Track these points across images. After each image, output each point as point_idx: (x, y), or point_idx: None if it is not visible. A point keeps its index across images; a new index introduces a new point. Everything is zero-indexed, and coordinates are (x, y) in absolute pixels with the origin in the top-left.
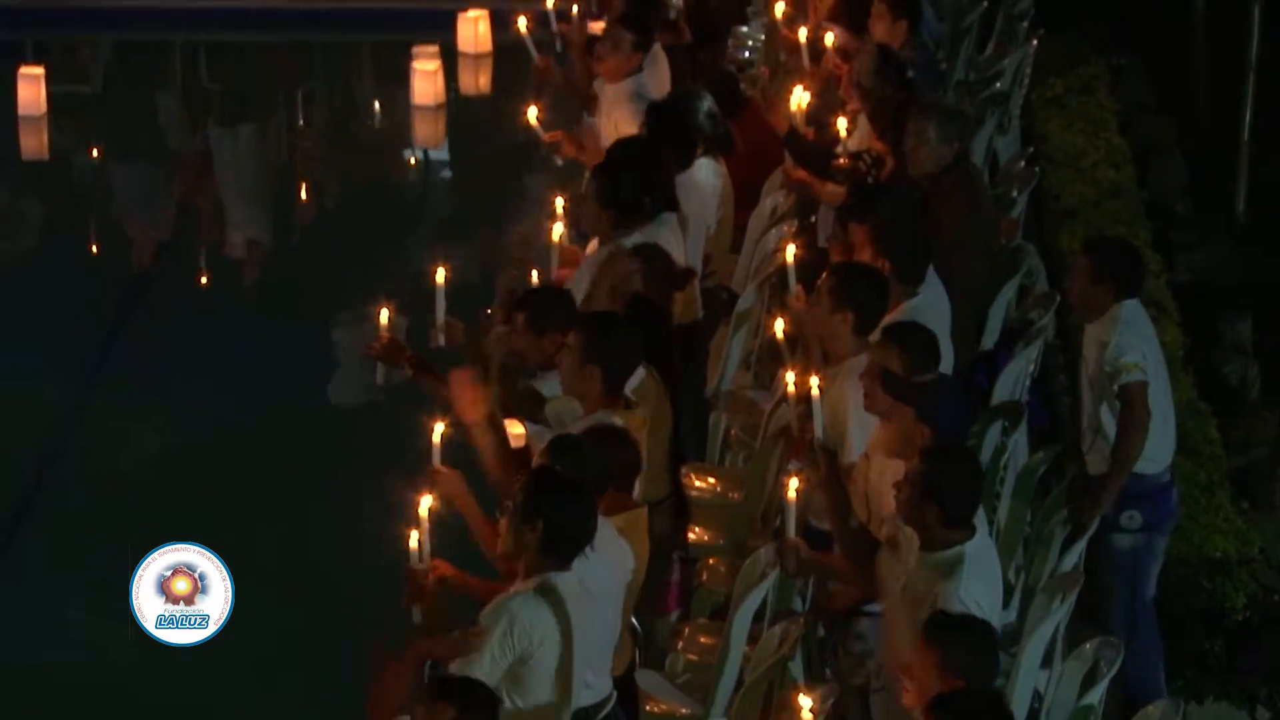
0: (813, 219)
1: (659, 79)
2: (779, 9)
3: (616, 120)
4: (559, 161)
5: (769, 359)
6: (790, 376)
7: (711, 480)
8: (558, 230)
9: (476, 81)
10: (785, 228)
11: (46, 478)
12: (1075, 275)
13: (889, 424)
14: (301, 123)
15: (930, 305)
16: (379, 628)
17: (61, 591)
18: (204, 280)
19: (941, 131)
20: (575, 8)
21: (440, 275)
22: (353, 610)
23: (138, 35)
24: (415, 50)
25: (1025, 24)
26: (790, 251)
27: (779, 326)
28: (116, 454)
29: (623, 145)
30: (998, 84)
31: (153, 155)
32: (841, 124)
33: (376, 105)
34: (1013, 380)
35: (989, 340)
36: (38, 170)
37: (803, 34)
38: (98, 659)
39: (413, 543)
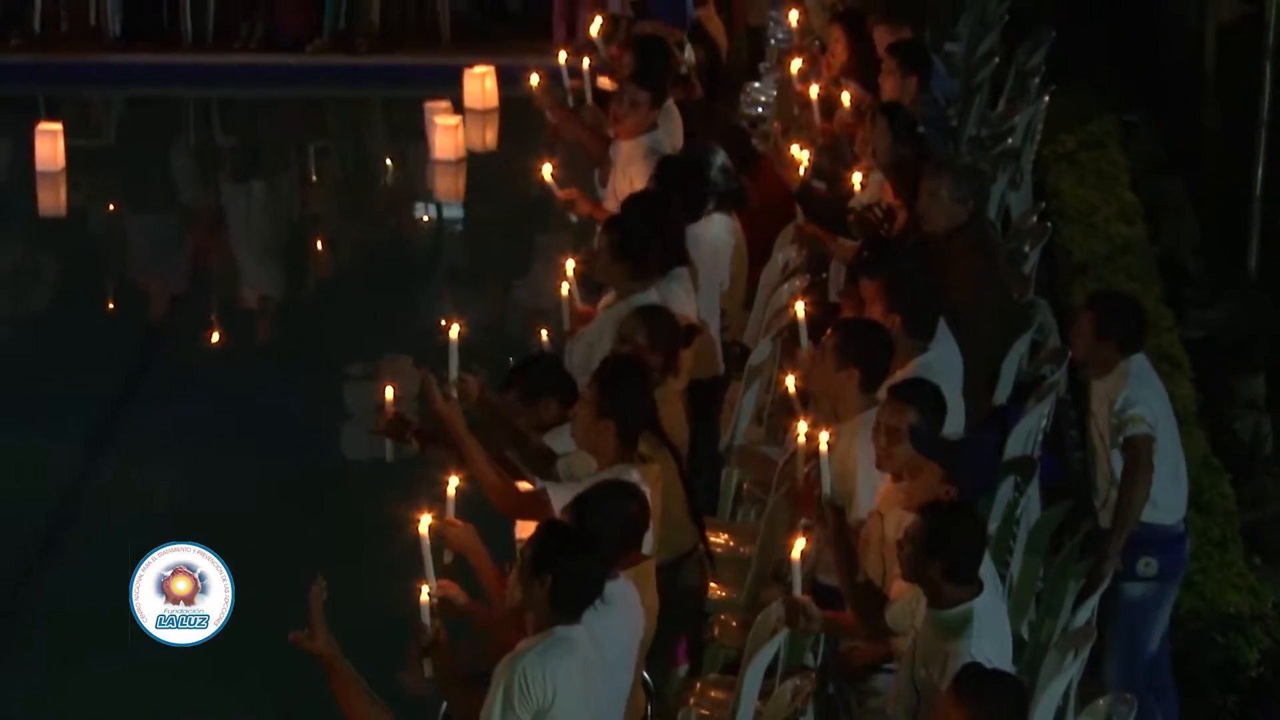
0: (824, 274)
1: (672, 134)
2: (794, 65)
3: (632, 176)
4: (573, 218)
5: (781, 414)
6: (801, 428)
7: (724, 535)
8: (565, 289)
9: (484, 137)
10: (797, 283)
11: (58, 535)
12: (1079, 332)
13: (902, 481)
14: (314, 178)
15: (941, 361)
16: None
17: (71, 656)
18: (217, 337)
19: (955, 190)
20: (586, 63)
21: (454, 332)
22: (371, 666)
23: (150, 91)
24: (430, 105)
25: (1037, 80)
26: (801, 307)
27: (790, 382)
28: (128, 510)
29: (634, 199)
30: (1010, 140)
31: (166, 211)
32: (856, 179)
33: (388, 160)
34: (1025, 435)
35: (1001, 396)
36: (53, 225)
37: (814, 91)
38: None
39: (423, 597)
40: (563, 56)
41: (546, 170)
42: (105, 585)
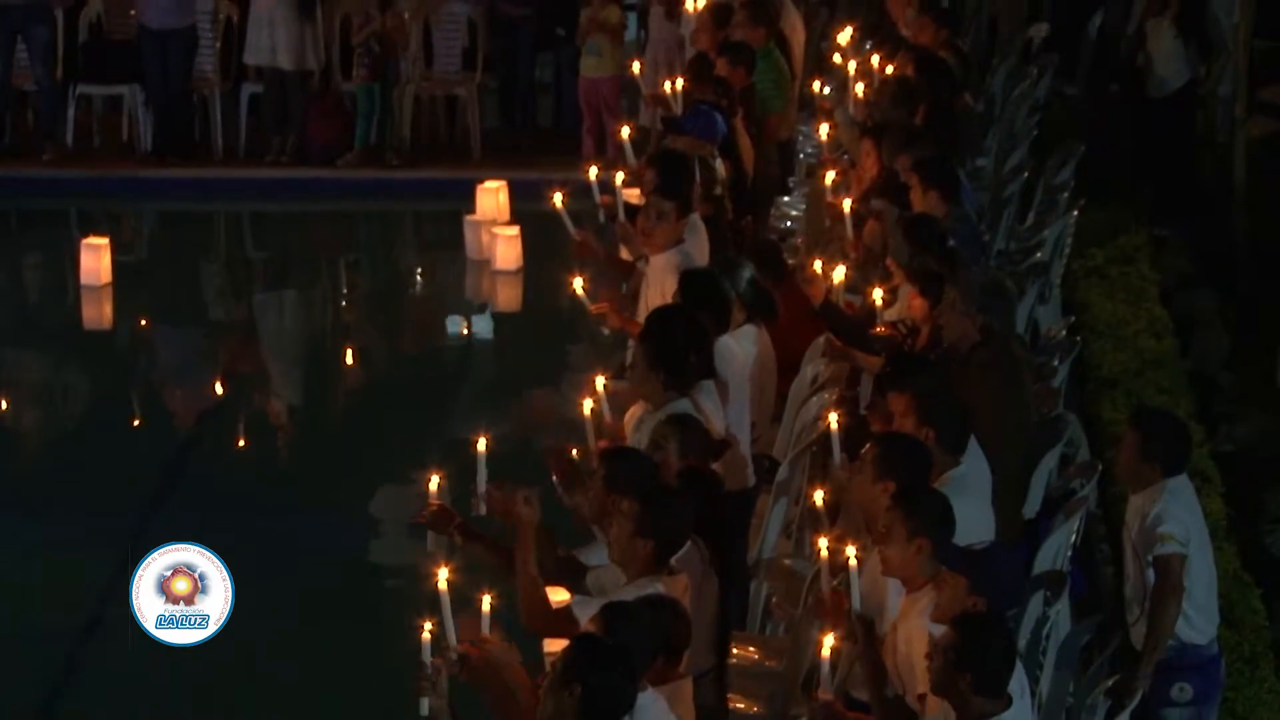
0: (856, 388)
1: (699, 248)
2: (828, 177)
3: (665, 290)
4: (605, 331)
5: (810, 527)
6: (823, 543)
7: (751, 649)
8: (588, 405)
9: (497, 251)
10: (826, 396)
11: (86, 650)
12: (1123, 450)
13: (917, 592)
14: (345, 290)
15: (974, 475)
16: None
17: None
18: (250, 450)
19: (964, 304)
20: (620, 178)
21: (482, 444)
22: None
23: (183, 205)
24: (477, 219)
25: (1066, 194)
26: (834, 419)
27: (819, 495)
28: None
29: (667, 310)
30: (1039, 254)
31: (196, 324)
32: (877, 295)
33: (420, 272)
34: (1054, 550)
35: (1030, 510)
36: (98, 339)
37: (847, 204)
38: None
39: (425, 634)
40: (592, 171)
41: (578, 284)
42: (134, 703)
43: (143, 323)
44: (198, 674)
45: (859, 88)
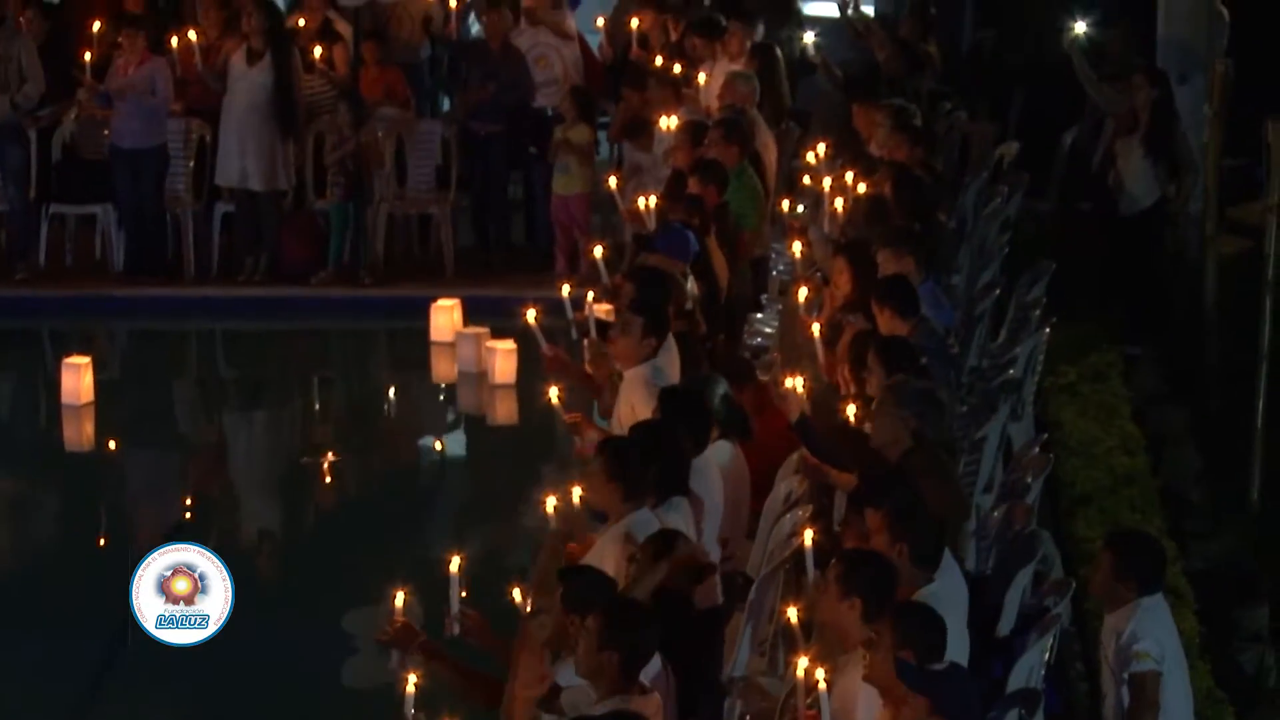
0: (827, 503)
1: (671, 365)
2: (801, 293)
3: (634, 404)
4: (579, 443)
5: (784, 645)
6: (802, 662)
7: None
8: (550, 504)
9: (450, 370)
10: (800, 513)
11: None
12: (1097, 569)
13: (897, 710)
14: (318, 408)
15: (947, 591)
16: None
17: None
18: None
19: (896, 408)
20: (590, 296)
21: (454, 564)
22: None
23: (156, 324)
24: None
25: (1038, 312)
26: (808, 536)
27: (793, 613)
28: None
29: (636, 425)
30: (1011, 370)
31: (172, 444)
32: (850, 411)
33: (393, 391)
34: (1029, 668)
35: (1004, 627)
36: (70, 459)
37: (816, 328)
38: None
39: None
40: (564, 289)
41: (553, 394)
42: None
43: (121, 442)
44: None
45: (835, 204)
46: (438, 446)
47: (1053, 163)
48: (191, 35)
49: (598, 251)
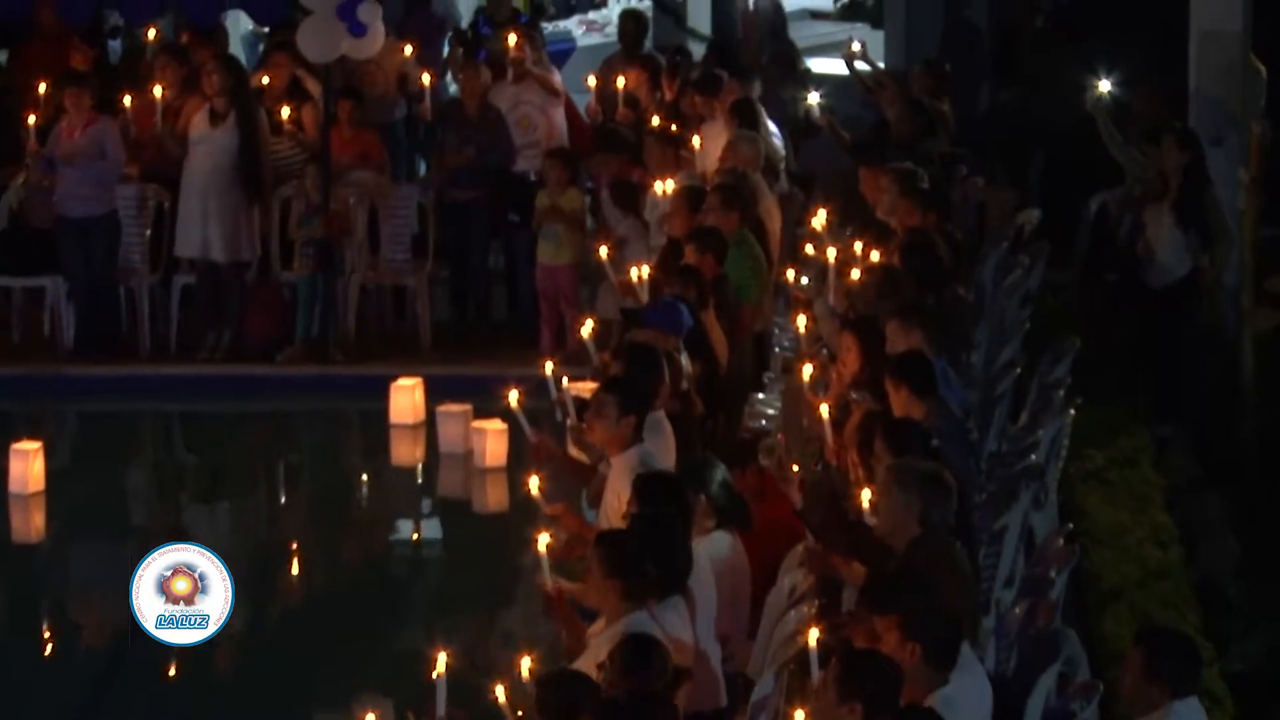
0: (832, 598)
1: (663, 449)
2: (805, 371)
3: (620, 493)
4: (561, 536)
5: None
6: None
7: None
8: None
9: (414, 453)
10: (805, 609)
11: None
12: (1126, 670)
13: None
14: (284, 498)
15: (965, 694)
16: None
17: None
18: (175, 671)
19: (901, 493)
20: (565, 379)
21: (441, 662)
22: None
23: (107, 405)
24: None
25: (1061, 392)
26: (813, 635)
27: (800, 717)
28: None
29: (632, 516)
30: (1033, 456)
31: (121, 535)
32: (865, 496)
33: (364, 477)
34: None
35: None
36: (17, 551)
37: (825, 409)
38: None
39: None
40: (549, 367)
41: (533, 483)
42: None
43: (73, 534)
44: None
45: (845, 274)
46: (416, 537)
47: (1076, 232)
48: (157, 91)
49: (587, 327)
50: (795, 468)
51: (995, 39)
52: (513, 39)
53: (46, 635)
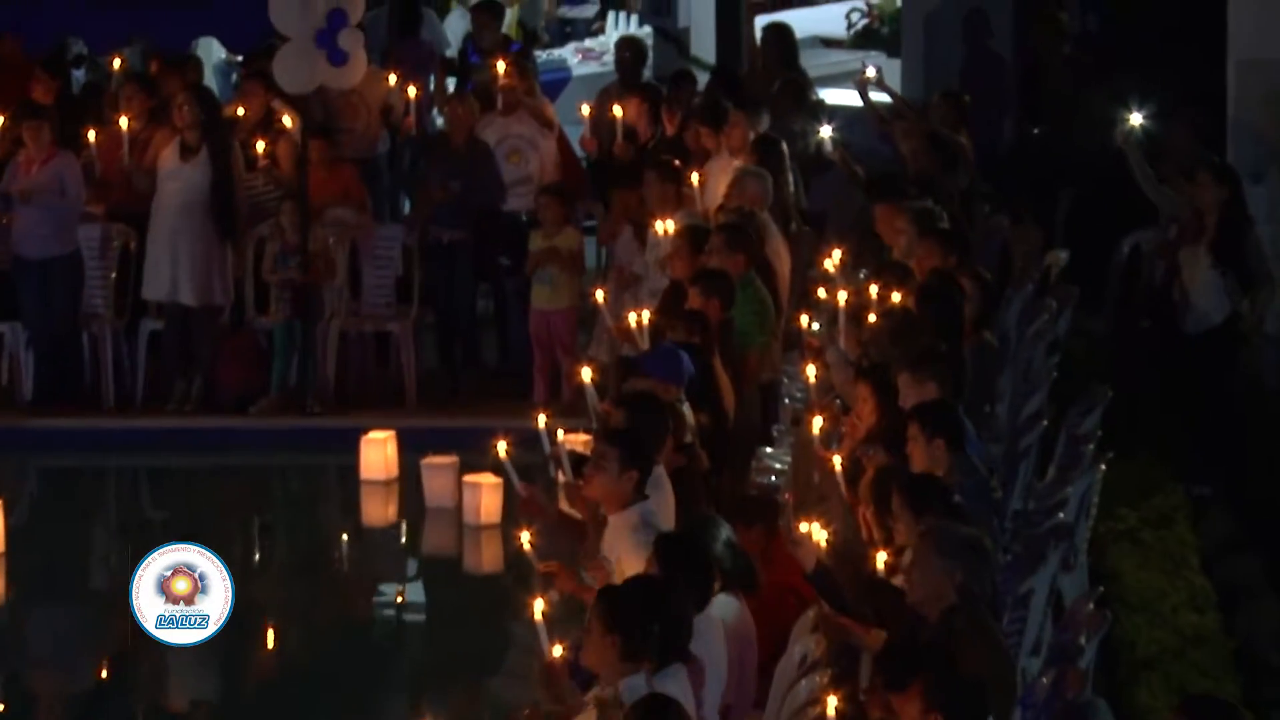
0: (850, 666)
1: (664, 506)
2: (815, 423)
3: (620, 555)
4: (555, 596)
5: None
6: None
7: None
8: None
9: (386, 512)
10: (818, 678)
11: None
12: None
13: None
14: (258, 558)
15: None
16: None
17: None
18: None
19: (941, 559)
20: (560, 432)
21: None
22: None
23: (70, 460)
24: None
25: (1091, 446)
26: (831, 704)
27: None
28: None
29: (635, 580)
30: (1061, 514)
31: (84, 598)
32: (880, 559)
33: (345, 537)
34: None
35: None
36: None
37: (838, 461)
38: None
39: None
40: (542, 419)
41: (525, 539)
42: None
43: (31, 595)
44: None
45: (860, 319)
46: (400, 599)
47: (1107, 274)
48: (123, 124)
49: (585, 375)
50: (805, 526)
51: (1020, 68)
52: (502, 67)
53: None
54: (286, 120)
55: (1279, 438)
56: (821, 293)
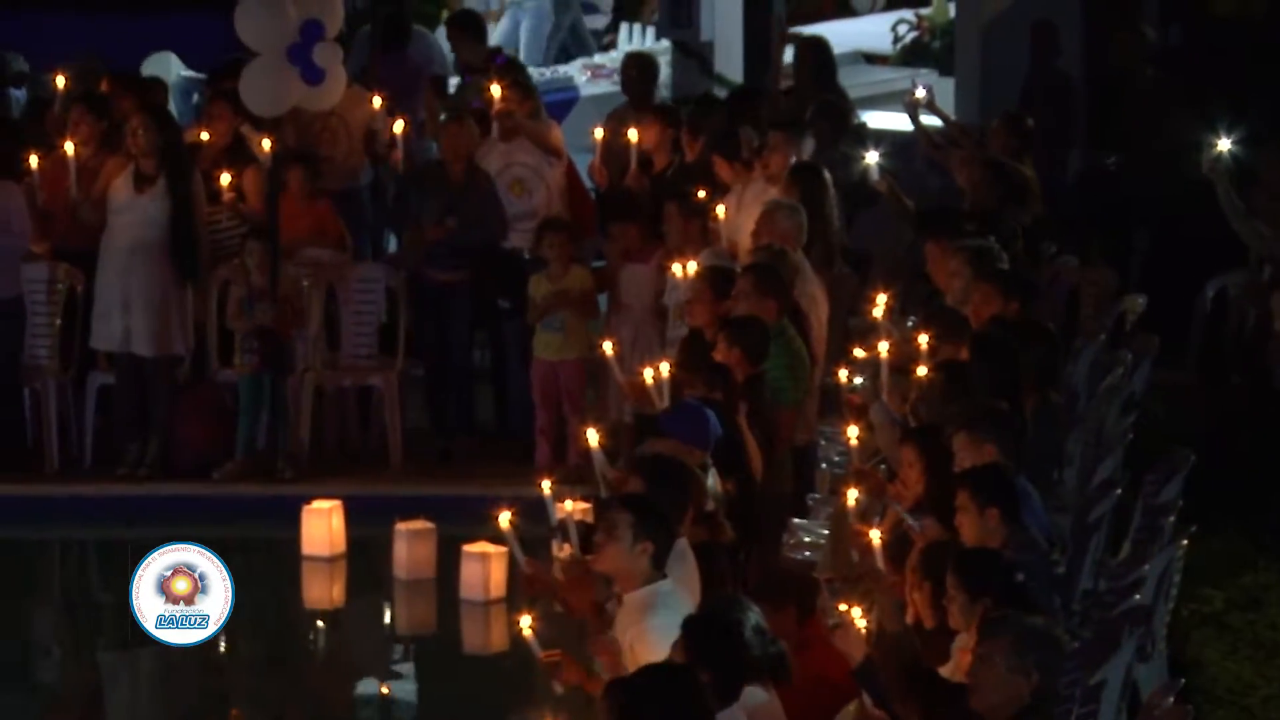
0: None
1: (688, 584)
2: (851, 495)
3: (631, 640)
4: (558, 689)
5: None
6: None
7: None
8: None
9: (331, 593)
10: None
11: None
12: None
13: None
14: (222, 643)
15: None
16: None
17: None
18: None
19: (1013, 657)
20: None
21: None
22: None
23: (8, 531)
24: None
25: (1172, 518)
26: None
27: None
28: None
29: (649, 671)
30: (1137, 595)
31: (23, 690)
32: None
33: (320, 621)
34: None
35: None
36: None
37: (876, 535)
38: None
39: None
40: (547, 486)
41: (525, 623)
42: None
43: None
44: None
45: (908, 374)
46: (385, 691)
47: (1191, 323)
48: (69, 148)
49: (594, 440)
50: (846, 609)
51: (1091, 88)
52: (496, 89)
53: None
54: (266, 144)
55: None
56: (863, 344)
